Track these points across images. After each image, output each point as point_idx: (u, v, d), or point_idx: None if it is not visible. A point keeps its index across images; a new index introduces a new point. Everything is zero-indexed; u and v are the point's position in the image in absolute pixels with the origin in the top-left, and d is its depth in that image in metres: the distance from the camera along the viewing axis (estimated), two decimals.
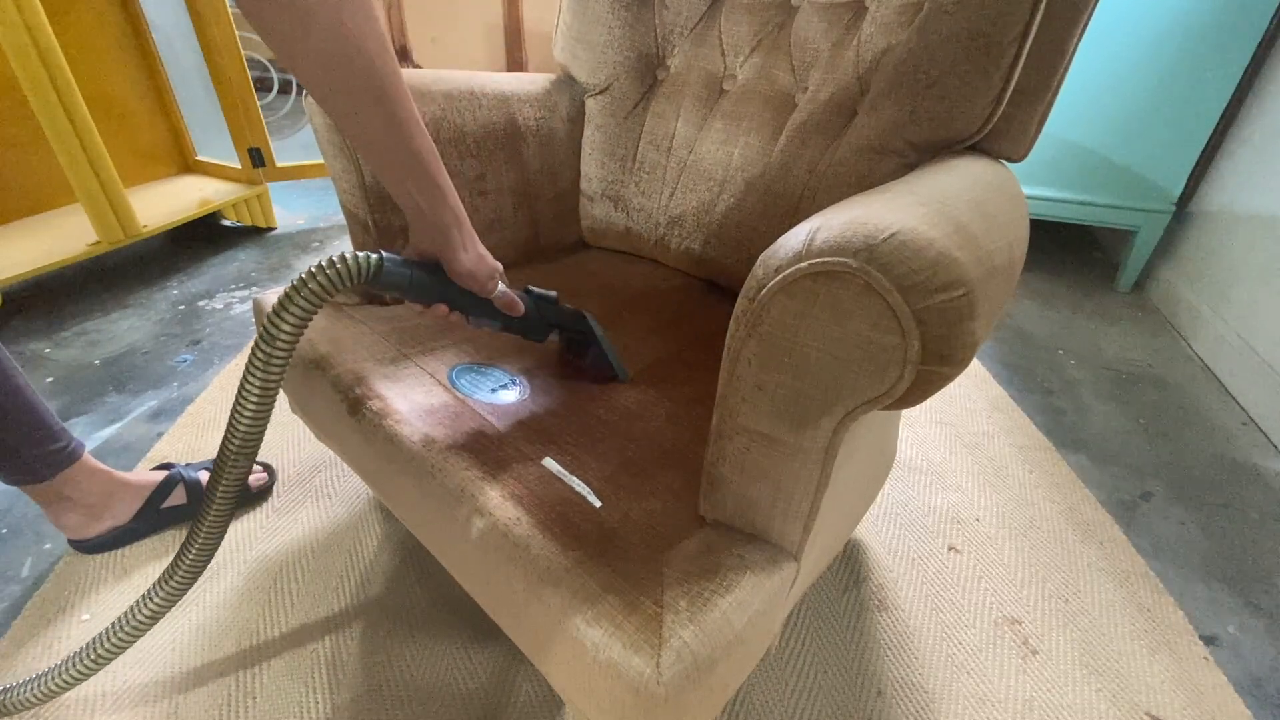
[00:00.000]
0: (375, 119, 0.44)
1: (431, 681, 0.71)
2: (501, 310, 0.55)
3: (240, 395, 0.48)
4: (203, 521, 0.55)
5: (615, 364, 0.63)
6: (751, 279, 0.38)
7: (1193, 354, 1.45)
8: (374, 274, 0.47)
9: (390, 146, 0.45)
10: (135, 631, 0.59)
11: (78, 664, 0.60)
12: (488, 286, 0.53)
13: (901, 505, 0.98)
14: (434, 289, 0.51)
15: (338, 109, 0.44)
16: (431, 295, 0.51)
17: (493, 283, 0.53)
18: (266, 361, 0.46)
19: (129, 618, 0.59)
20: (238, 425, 0.49)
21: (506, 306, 0.55)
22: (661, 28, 0.86)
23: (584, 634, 0.41)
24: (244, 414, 0.49)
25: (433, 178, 0.48)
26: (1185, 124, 1.50)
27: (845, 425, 0.40)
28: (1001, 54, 0.58)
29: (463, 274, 0.51)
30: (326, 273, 0.45)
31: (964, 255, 0.35)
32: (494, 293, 0.54)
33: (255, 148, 1.74)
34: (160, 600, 0.58)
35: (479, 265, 0.51)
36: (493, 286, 0.53)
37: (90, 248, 1.40)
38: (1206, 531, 0.97)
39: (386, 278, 0.47)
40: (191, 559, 0.56)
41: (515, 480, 0.50)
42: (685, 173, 0.84)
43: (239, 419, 0.49)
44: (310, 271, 0.45)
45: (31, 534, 0.87)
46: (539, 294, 0.60)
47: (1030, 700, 0.72)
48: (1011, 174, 0.59)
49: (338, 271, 0.45)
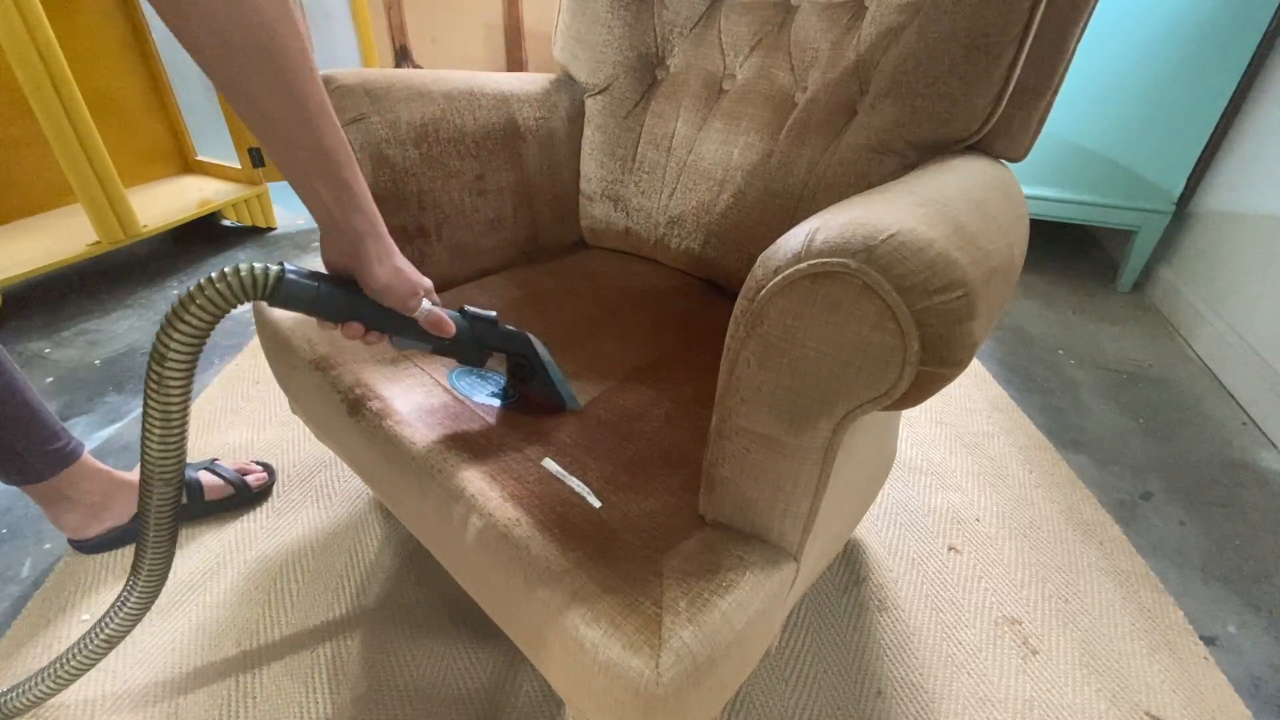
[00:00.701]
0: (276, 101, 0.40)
1: (432, 681, 0.71)
2: (429, 330, 0.51)
3: (144, 419, 0.45)
4: (142, 559, 0.53)
5: (563, 392, 0.58)
6: (751, 279, 0.38)
7: (1193, 354, 1.45)
8: (273, 288, 0.42)
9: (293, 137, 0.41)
10: (90, 658, 0.58)
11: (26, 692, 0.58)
12: (409, 304, 0.48)
13: (901, 505, 0.98)
14: (346, 306, 0.46)
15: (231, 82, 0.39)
16: (343, 312, 0.46)
17: (415, 300, 0.48)
18: (160, 382, 0.43)
19: (89, 640, 0.58)
20: (147, 451, 0.46)
21: (433, 326, 0.50)
22: (661, 28, 0.86)
23: (583, 634, 0.41)
24: (149, 439, 0.46)
25: (343, 178, 0.43)
26: (1185, 124, 1.50)
27: (845, 426, 0.40)
28: (1001, 53, 0.58)
29: (378, 289, 0.46)
30: (216, 287, 0.41)
31: (963, 256, 0.35)
32: (416, 311, 0.49)
33: (255, 148, 1.74)
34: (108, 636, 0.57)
35: (396, 280, 0.47)
36: (415, 304, 0.48)
37: (90, 248, 1.40)
38: (1206, 531, 0.97)
39: (288, 291, 0.43)
40: (137, 597, 0.55)
41: (515, 481, 0.50)
42: (685, 172, 0.84)
43: (146, 444, 0.46)
44: (200, 285, 0.41)
45: (31, 534, 0.87)
46: (475, 314, 0.55)
47: (1030, 700, 0.72)
48: (1011, 174, 0.59)
49: (228, 285, 0.41)
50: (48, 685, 0.59)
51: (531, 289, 0.80)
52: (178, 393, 0.44)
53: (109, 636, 0.58)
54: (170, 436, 0.46)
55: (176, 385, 0.43)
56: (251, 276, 0.41)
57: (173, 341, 0.42)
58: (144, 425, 0.45)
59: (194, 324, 0.41)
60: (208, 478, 0.89)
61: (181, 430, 0.46)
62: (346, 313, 0.47)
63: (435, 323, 0.50)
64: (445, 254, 0.80)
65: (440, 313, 0.51)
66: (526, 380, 0.58)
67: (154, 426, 0.45)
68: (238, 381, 1.18)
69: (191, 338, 0.42)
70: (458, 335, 0.53)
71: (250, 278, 0.41)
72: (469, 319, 0.54)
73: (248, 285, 0.42)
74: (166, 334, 0.41)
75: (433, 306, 0.50)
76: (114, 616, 0.57)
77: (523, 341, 0.57)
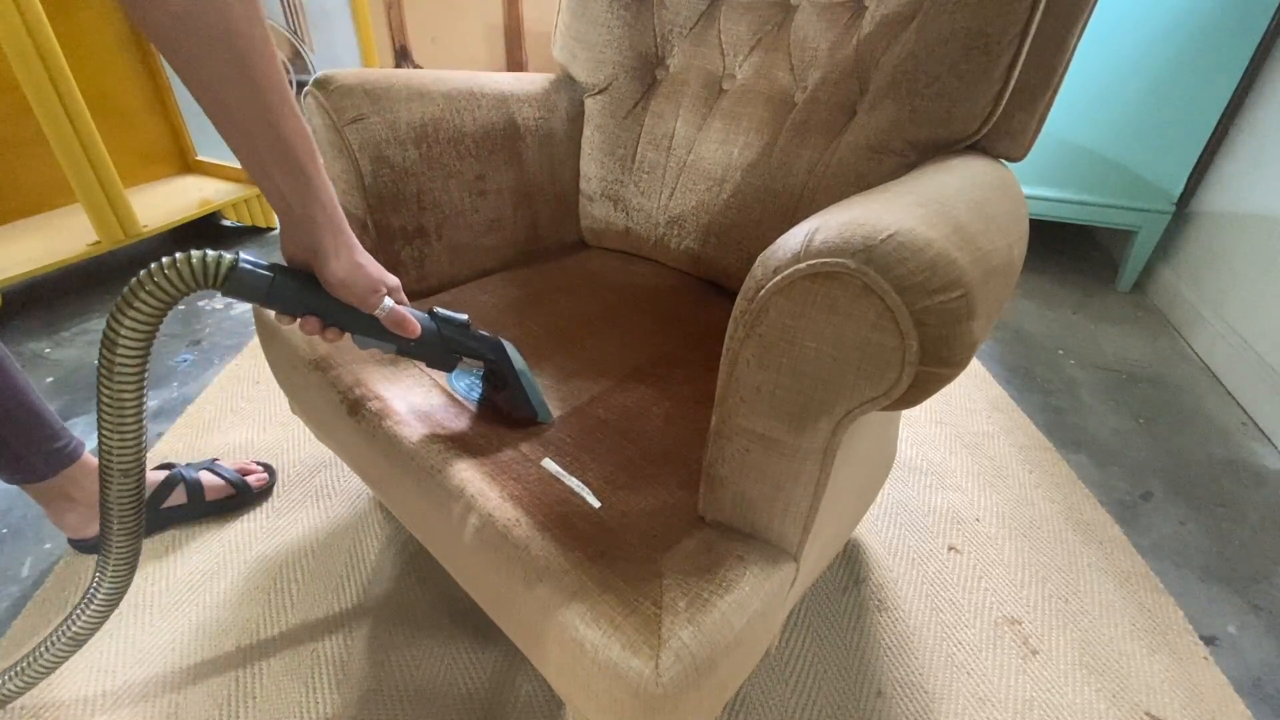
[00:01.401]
0: (233, 88, 0.38)
1: (432, 681, 0.71)
2: (391, 330, 0.49)
3: (97, 408, 0.44)
4: (107, 556, 0.52)
5: (535, 403, 0.56)
6: (750, 280, 0.38)
7: (1193, 354, 1.45)
8: (224, 276, 0.41)
9: (250, 126, 0.40)
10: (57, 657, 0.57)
11: None
12: (369, 301, 0.46)
13: (901, 505, 0.98)
14: (302, 300, 0.45)
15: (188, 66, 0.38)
16: (298, 306, 0.45)
17: (375, 297, 0.47)
18: (110, 369, 0.42)
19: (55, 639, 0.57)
20: (102, 441, 0.45)
21: (396, 325, 0.48)
22: (660, 27, 0.86)
23: (583, 634, 0.41)
24: (104, 429, 0.45)
25: (301, 166, 0.42)
26: (1185, 124, 1.50)
27: (844, 426, 0.40)
28: (1001, 53, 0.58)
29: (335, 284, 0.45)
30: (166, 273, 0.40)
31: (962, 256, 0.35)
32: (377, 309, 0.47)
33: None
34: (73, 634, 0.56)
35: (355, 275, 0.45)
36: (375, 301, 0.47)
37: (90, 248, 1.40)
38: (1206, 531, 0.97)
39: (240, 281, 0.42)
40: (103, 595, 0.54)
41: (514, 481, 0.50)
42: (685, 172, 0.84)
43: (101, 434, 0.45)
44: (150, 270, 0.40)
45: (31, 534, 0.87)
46: (445, 316, 0.53)
47: (1030, 700, 0.72)
48: (1011, 174, 0.59)
49: (178, 273, 0.40)
50: (13, 685, 0.58)
51: (531, 289, 0.80)
52: (131, 381, 0.43)
53: (74, 635, 0.57)
54: (125, 425, 0.45)
55: (128, 372, 0.42)
56: (203, 264, 0.40)
57: (122, 327, 0.41)
58: (98, 415, 0.44)
59: (145, 309, 0.40)
60: (208, 478, 0.89)
61: (137, 419, 0.45)
62: (303, 307, 0.45)
63: (398, 321, 0.48)
64: (445, 254, 0.80)
65: (404, 312, 0.49)
66: (498, 389, 0.56)
67: (107, 416, 0.44)
68: (238, 381, 1.18)
69: (142, 324, 0.41)
70: (424, 337, 0.51)
71: (201, 265, 0.40)
72: (437, 321, 0.53)
73: (198, 273, 0.41)
74: (116, 319, 0.40)
75: (396, 305, 0.48)
76: (80, 614, 0.56)
77: (495, 348, 0.55)
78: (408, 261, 0.77)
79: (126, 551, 0.53)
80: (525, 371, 0.56)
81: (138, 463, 0.48)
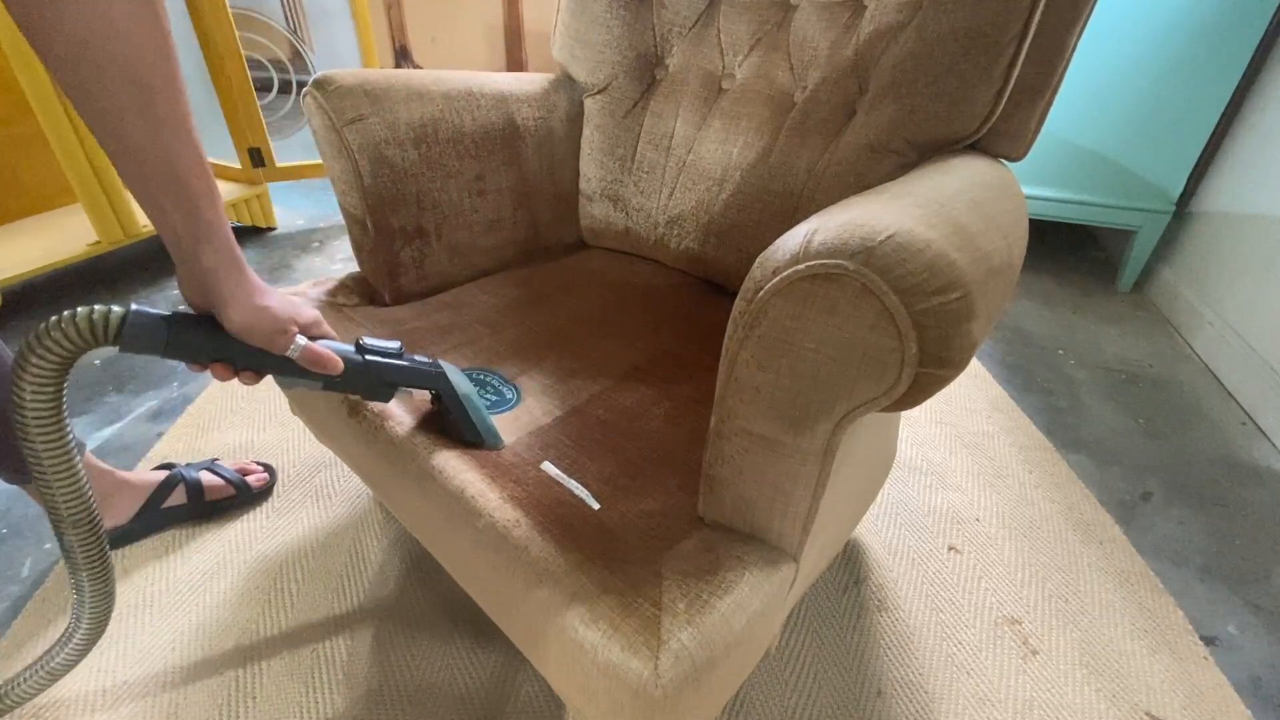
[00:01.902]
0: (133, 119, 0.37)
1: (432, 682, 0.71)
2: (309, 368, 0.47)
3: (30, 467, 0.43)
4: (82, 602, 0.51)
5: (482, 429, 0.53)
6: (749, 280, 0.38)
7: (1193, 354, 1.45)
8: (115, 332, 0.39)
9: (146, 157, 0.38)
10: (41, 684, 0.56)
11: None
12: (276, 343, 0.44)
13: (901, 505, 0.98)
14: (205, 347, 0.43)
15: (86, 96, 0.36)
16: (201, 354, 0.43)
17: (283, 338, 0.44)
18: (24, 431, 0.41)
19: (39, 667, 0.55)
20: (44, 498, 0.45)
21: (313, 364, 0.46)
22: (660, 27, 0.86)
23: (582, 635, 0.41)
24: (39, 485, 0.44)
25: (195, 203, 0.40)
26: (1185, 124, 1.50)
27: (844, 426, 0.40)
28: (1001, 53, 0.58)
29: (236, 330, 0.43)
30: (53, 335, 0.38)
31: (962, 256, 0.35)
32: (287, 350, 0.45)
33: (255, 148, 1.74)
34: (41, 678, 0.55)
35: (257, 319, 0.43)
36: (284, 343, 0.44)
37: (90, 248, 1.40)
38: (1206, 531, 0.97)
39: (133, 334, 0.40)
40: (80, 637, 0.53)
41: (514, 483, 0.50)
42: (684, 172, 0.84)
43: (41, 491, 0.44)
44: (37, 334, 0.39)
45: (31, 534, 0.87)
46: (372, 347, 0.51)
47: (1030, 700, 0.72)
48: (1011, 174, 0.59)
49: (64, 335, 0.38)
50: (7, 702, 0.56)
51: (531, 289, 0.80)
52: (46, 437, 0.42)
53: (51, 671, 0.55)
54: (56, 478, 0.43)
55: (42, 431, 0.41)
56: (89, 322, 0.39)
57: (25, 392, 0.40)
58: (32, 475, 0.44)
59: (40, 372, 0.39)
60: (208, 478, 0.89)
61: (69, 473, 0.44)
62: (206, 355, 0.43)
63: (313, 360, 0.46)
64: (445, 254, 0.80)
65: (318, 349, 0.46)
66: (448, 412, 0.54)
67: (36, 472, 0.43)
68: (238, 381, 1.18)
69: (40, 387, 0.40)
70: (350, 371, 0.49)
71: (88, 324, 0.39)
72: (364, 352, 0.50)
73: (85, 332, 0.39)
74: (17, 384, 0.39)
75: (310, 343, 0.46)
76: (57, 652, 0.55)
77: (433, 377, 0.53)
78: (407, 261, 0.77)
79: (100, 591, 0.51)
80: (470, 395, 0.54)
81: (85, 510, 0.46)
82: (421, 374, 0.53)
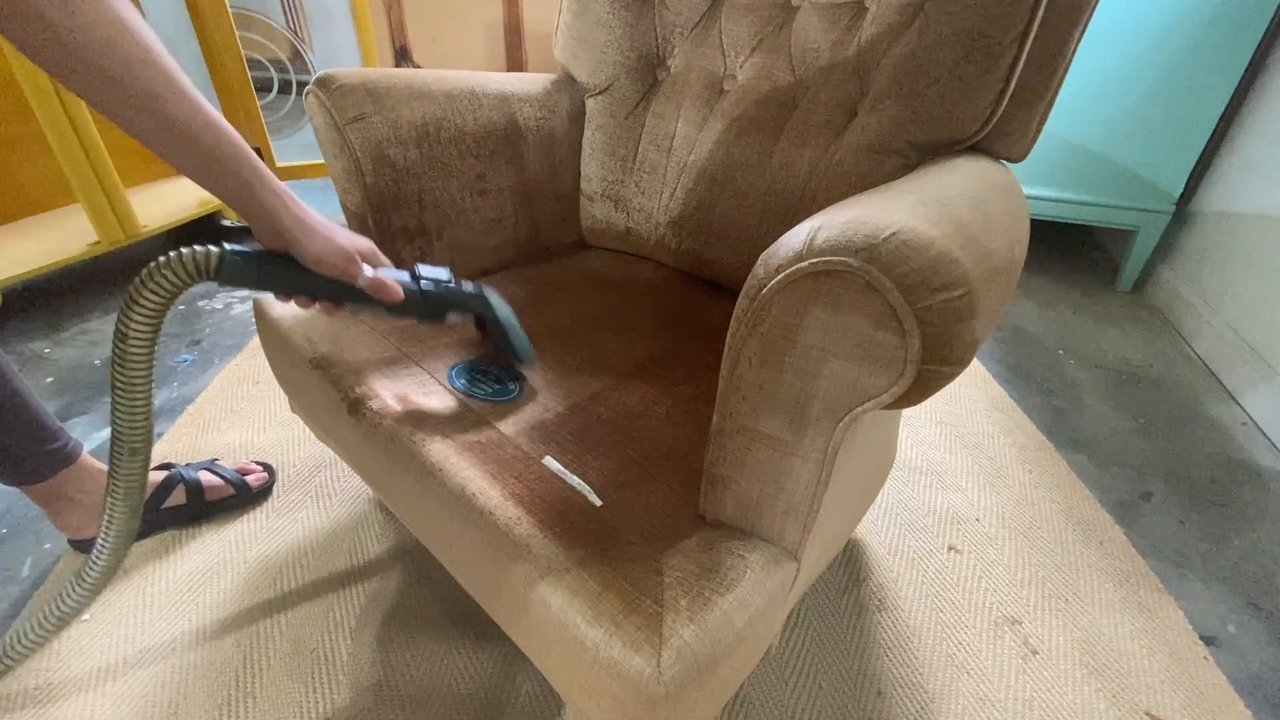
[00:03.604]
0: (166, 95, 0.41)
1: (432, 681, 0.71)
2: (374, 295, 0.52)
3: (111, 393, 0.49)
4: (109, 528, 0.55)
5: (517, 345, 0.60)
6: (752, 278, 0.38)
7: (1193, 354, 1.45)
8: (215, 267, 0.46)
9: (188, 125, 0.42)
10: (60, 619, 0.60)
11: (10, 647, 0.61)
12: (348, 271, 0.49)
13: (901, 505, 0.98)
14: (288, 280, 0.49)
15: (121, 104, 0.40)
16: (287, 287, 0.49)
17: (354, 266, 0.50)
18: (124, 359, 0.46)
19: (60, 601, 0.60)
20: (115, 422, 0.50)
21: (377, 291, 0.51)
22: (662, 28, 0.86)
23: (584, 633, 0.41)
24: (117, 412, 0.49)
25: (239, 155, 0.44)
26: (1185, 124, 1.50)
27: (846, 424, 0.40)
28: (1002, 54, 0.58)
29: (311, 262, 0.48)
30: (164, 271, 0.44)
31: (965, 255, 0.35)
32: (357, 277, 0.50)
33: (255, 148, 1.74)
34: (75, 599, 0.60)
35: (328, 250, 0.48)
36: (354, 270, 0.50)
37: (90, 248, 1.40)
38: (1206, 531, 0.97)
39: (230, 270, 0.46)
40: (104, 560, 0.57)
41: (515, 479, 0.50)
42: (685, 173, 0.84)
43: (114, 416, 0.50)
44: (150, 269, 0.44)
45: (31, 534, 0.87)
46: (427, 274, 0.56)
47: (1030, 700, 0.72)
48: (1012, 174, 0.59)
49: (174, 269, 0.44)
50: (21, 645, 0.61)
51: (532, 288, 0.80)
52: (141, 367, 0.47)
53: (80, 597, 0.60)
54: (135, 407, 0.49)
55: (138, 360, 0.47)
56: (193, 258, 0.45)
57: (132, 322, 0.45)
58: (112, 400, 0.48)
59: (150, 303, 0.45)
60: (208, 478, 0.89)
61: (146, 403, 0.49)
62: (292, 286, 0.49)
63: (377, 287, 0.51)
64: (446, 253, 0.80)
65: (383, 278, 0.51)
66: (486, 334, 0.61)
67: (120, 399, 0.48)
68: (238, 381, 1.18)
69: (149, 317, 0.45)
70: (410, 297, 0.54)
71: (192, 259, 0.45)
72: (419, 280, 0.55)
73: (191, 267, 0.45)
74: (126, 315, 0.45)
75: (375, 272, 0.51)
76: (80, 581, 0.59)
77: (479, 300, 0.58)
78: (409, 260, 0.77)
79: (124, 525, 0.56)
80: (510, 318, 0.60)
81: (146, 442, 0.52)
82: (469, 298, 0.58)
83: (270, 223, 0.47)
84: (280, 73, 3.24)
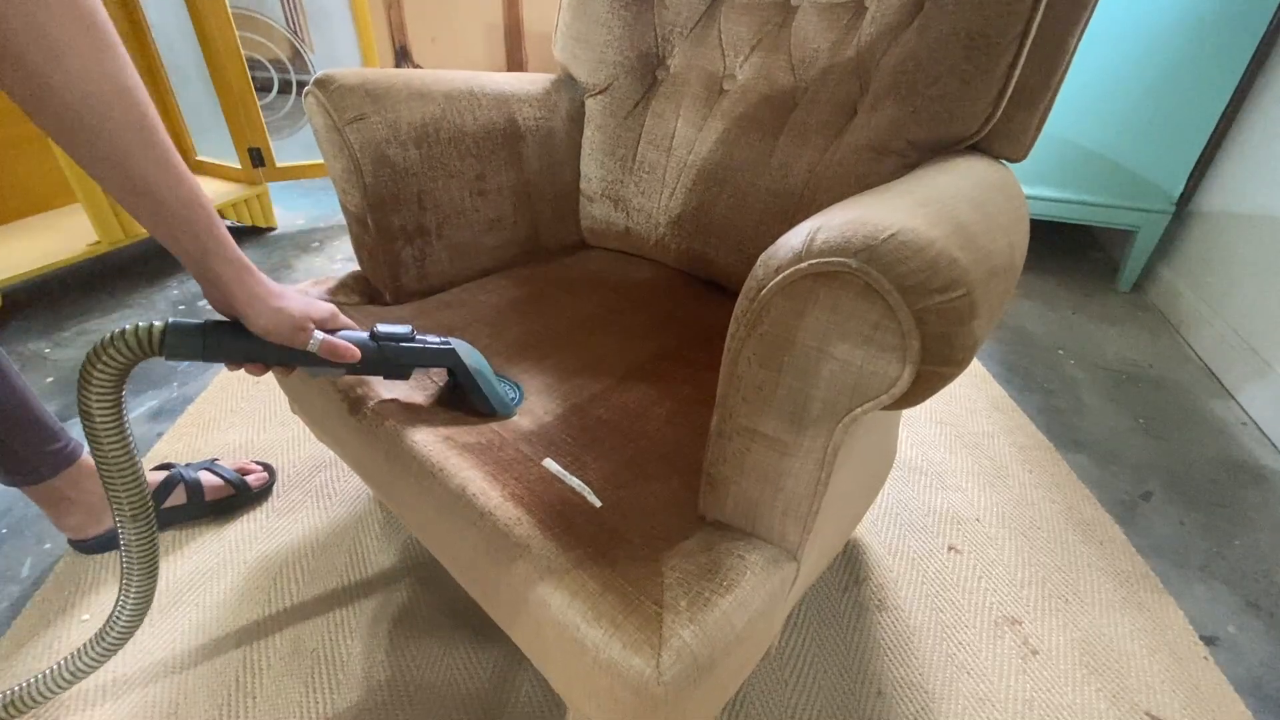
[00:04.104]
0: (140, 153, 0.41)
1: (432, 681, 0.71)
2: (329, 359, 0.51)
3: (95, 463, 0.49)
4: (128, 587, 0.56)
5: (494, 401, 0.57)
6: (751, 279, 0.38)
7: (1193, 354, 1.45)
8: (159, 343, 0.45)
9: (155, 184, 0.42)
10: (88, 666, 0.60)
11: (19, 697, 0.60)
12: (297, 339, 0.48)
13: (901, 505, 0.98)
14: (237, 349, 0.48)
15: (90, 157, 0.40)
16: (236, 356, 0.48)
17: (303, 335, 0.48)
18: (94, 436, 0.47)
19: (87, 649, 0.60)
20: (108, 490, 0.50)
21: (332, 354, 0.50)
22: (661, 28, 0.86)
23: (584, 633, 0.41)
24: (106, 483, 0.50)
25: (205, 220, 0.44)
26: (1185, 124, 1.50)
27: (846, 425, 0.40)
28: (1002, 53, 0.58)
29: (260, 333, 0.47)
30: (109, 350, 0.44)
31: (964, 255, 0.35)
32: (307, 345, 0.49)
33: (255, 148, 1.74)
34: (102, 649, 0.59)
35: (276, 321, 0.47)
36: (303, 339, 0.49)
37: (90, 248, 1.40)
38: (1206, 531, 0.97)
39: (173, 344, 0.45)
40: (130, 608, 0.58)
41: (516, 480, 0.50)
42: (685, 173, 0.84)
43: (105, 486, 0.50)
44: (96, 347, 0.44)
45: (31, 534, 0.87)
46: (385, 333, 0.55)
47: (1030, 700, 0.72)
48: (1011, 174, 0.59)
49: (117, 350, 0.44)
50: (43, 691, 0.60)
51: (532, 288, 0.80)
52: (113, 438, 0.48)
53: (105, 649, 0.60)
54: (121, 477, 0.50)
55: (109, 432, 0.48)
56: (135, 337, 0.45)
57: (91, 400, 0.46)
58: (98, 470, 0.49)
59: (102, 383, 0.45)
60: (208, 478, 0.89)
61: (131, 473, 0.50)
62: (240, 355, 0.49)
63: (332, 350, 0.51)
64: (445, 254, 0.80)
65: (336, 341, 0.51)
66: (459, 388, 0.58)
67: (104, 470, 0.49)
68: (238, 381, 1.18)
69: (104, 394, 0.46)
70: (368, 357, 0.53)
71: (134, 338, 0.45)
72: (378, 339, 0.54)
73: (134, 346, 0.45)
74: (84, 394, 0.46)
75: (327, 336, 0.50)
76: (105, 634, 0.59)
77: (443, 354, 0.56)
78: (408, 261, 0.77)
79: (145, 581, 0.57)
80: (482, 369, 0.58)
81: (144, 505, 0.53)
82: (434, 353, 0.56)
83: (221, 291, 0.46)
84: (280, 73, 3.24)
